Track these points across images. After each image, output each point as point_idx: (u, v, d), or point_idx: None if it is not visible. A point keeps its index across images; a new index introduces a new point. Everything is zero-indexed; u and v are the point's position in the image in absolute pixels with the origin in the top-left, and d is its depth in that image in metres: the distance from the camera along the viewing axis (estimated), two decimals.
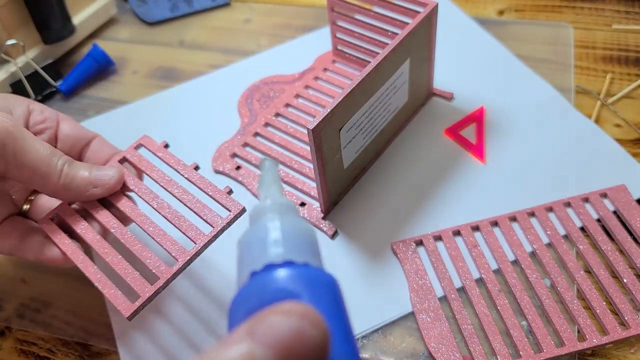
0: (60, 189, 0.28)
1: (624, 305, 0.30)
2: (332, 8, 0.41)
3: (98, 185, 0.29)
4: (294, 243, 0.15)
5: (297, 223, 0.16)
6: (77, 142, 0.31)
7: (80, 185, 0.28)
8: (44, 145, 0.28)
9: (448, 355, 0.29)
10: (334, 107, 0.30)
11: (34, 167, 0.27)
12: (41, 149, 0.27)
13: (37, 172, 0.27)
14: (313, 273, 0.15)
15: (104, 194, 0.29)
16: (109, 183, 0.29)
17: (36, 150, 0.27)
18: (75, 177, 0.28)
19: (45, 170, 0.27)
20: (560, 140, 0.38)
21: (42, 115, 0.31)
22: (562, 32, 0.46)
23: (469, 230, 0.34)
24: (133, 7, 0.53)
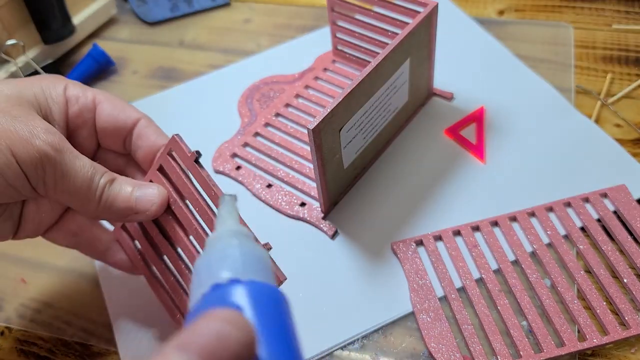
0: (100, 213, 0.27)
1: (624, 305, 0.30)
2: (332, 8, 0.41)
3: (139, 211, 0.27)
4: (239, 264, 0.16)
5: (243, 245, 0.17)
6: (117, 132, 0.29)
7: (119, 211, 0.27)
8: (85, 165, 0.26)
9: (448, 355, 0.29)
10: (334, 107, 0.30)
11: (73, 193, 0.26)
12: (81, 171, 0.26)
13: (76, 198, 0.26)
14: (256, 287, 0.16)
15: (146, 220, 0.28)
16: (150, 210, 0.27)
17: (76, 172, 0.26)
18: (114, 203, 0.27)
19: (85, 196, 0.26)
20: (561, 140, 0.38)
21: (77, 104, 0.28)
22: (562, 32, 0.46)
23: (469, 230, 0.34)
24: (133, 7, 0.53)
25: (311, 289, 0.32)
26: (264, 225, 0.35)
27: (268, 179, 0.38)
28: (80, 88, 0.29)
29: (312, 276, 0.33)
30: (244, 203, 0.37)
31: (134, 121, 0.29)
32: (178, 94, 0.45)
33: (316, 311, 0.32)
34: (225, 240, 0.17)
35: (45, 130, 0.25)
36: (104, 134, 0.29)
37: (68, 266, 0.36)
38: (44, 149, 0.25)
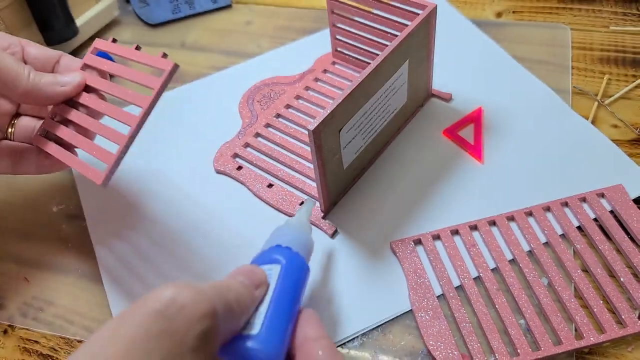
0: (30, 89, 0.30)
1: (621, 304, 0.30)
2: (332, 10, 0.41)
3: (64, 83, 0.32)
4: (296, 241, 0.28)
5: (303, 233, 0.29)
6: (46, 63, 0.33)
7: (47, 83, 0.31)
8: (10, 55, 0.30)
9: (446, 353, 0.29)
10: (334, 108, 0.31)
11: (4, 72, 0.29)
12: (7, 56, 0.30)
13: (7, 76, 0.30)
14: (295, 257, 0.26)
15: (72, 92, 0.32)
16: (75, 80, 0.32)
17: (3, 58, 0.30)
18: (42, 77, 0.31)
19: (15, 73, 0.30)
20: (558, 140, 0.39)
21: (5, 41, 0.32)
22: (559, 34, 0.46)
23: (467, 230, 0.34)
24: (135, 8, 0.54)
25: (311, 288, 0.33)
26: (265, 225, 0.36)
27: (269, 179, 0.38)
28: (5, 33, 0.33)
29: (312, 275, 0.33)
30: (245, 203, 0.38)
31: (60, 53, 0.34)
32: (180, 95, 0.46)
33: (316, 309, 0.32)
34: (293, 224, 0.29)
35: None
36: (33, 63, 0.33)
37: (70, 265, 0.36)
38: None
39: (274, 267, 0.25)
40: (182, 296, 0.18)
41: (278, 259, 0.25)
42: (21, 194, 0.40)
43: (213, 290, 0.20)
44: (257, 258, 0.26)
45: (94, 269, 0.35)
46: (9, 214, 0.39)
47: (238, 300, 0.21)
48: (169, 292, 0.19)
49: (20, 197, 0.40)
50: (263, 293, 0.23)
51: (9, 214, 0.39)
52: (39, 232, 0.38)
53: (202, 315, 0.18)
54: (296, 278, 0.25)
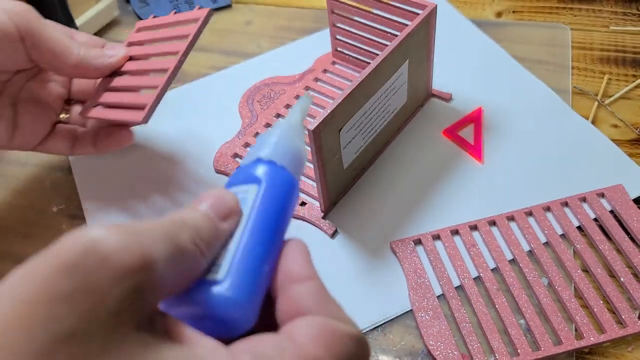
0: (80, 61, 0.33)
1: (621, 304, 0.30)
2: (332, 10, 0.41)
3: (111, 55, 0.34)
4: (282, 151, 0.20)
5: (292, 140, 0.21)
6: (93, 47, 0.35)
7: (95, 56, 0.33)
8: (61, 31, 0.33)
9: (447, 353, 0.29)
10: (334, 108, 0.31)
11: (56, 41, 0.32)
12: (59, 32, 0.32)
13: (59, 48, 0.32)
14: (279, 173, 0.19)
15: (118, 64, 0.35)
16: (120, 52, 0.35)
17: (54, 28, 0.32)
18: (89, 51, 0.33)
19: (66, 46, 0.32)
20: (558, 140, 0.39)
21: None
22: (559, 34, 0.46)
23: (467, 230, 0.34)
24: (135, 8, 0.54)
25: None
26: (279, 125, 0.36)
27: None
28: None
29: None
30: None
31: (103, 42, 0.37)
32: (180, 95, 0.46)
33: None
34: (279, 128, 0.21)
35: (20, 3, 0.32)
36: None
37: None
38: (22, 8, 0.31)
39: (249, 188, 0.19)
40: (104, 243, 0.14)
41: (255, 177, 0.19)
42: (21, 194, 0.40)
43: (157, 231, 0.15)
44: (232, 177, 0.20)
45: None
46: (9, 214, 0.39)
47: (195, 238, 0.16)
48: (89, 236, 0.14)
49: (20, 197, 0.40)
50: (233, 225, 0.18)
51: (9, 214, 0.39)
52: (39, 232, 0.38)
53: (128, 269, 0.14)
54: (279, 201, 0.19)
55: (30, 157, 0.43)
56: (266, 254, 0.18)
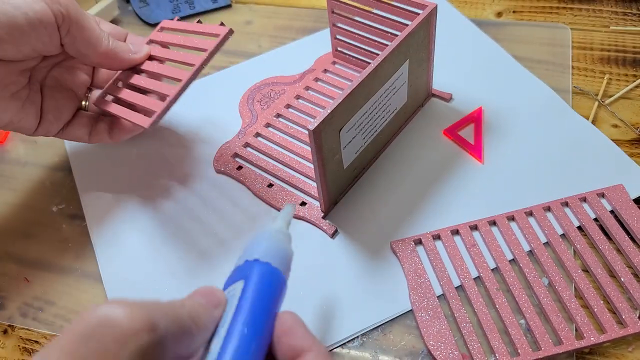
0: (109, 51, 0.34)
1: (622, 304, 0.30)
2: (332, 10, 0.41)
3: (136, 51, 0.36)
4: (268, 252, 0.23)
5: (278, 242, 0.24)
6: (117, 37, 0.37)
7: (123, 49, 0.35)
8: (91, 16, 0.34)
9: (447, 353, 0.29)
10: (334, 108, 0.31)
11: (90, 30, 0.33)
12: (92, 20, 0.34)
13: (92, 35, 0.33)
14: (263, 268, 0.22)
15: (141, 60, 0.36)
16: (146, 49, 0.37)
17: (89, 20, 0.33)
18: (118, 44, 0.35)
19: (98, 34, 0.34)
20: (558, 140, 0.39)
21: None
22: (559, 34, 0.46)
23: (468, 230, 0.34)
24: (135, 8, 0.54)
25: (311, 288, 0.33)
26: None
27: (269, 179, 0.38)
28: None
29: (312, 275, 0.33)
30: (245, 202, 0.38)
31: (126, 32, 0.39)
32: None
33: (316, 309, 0.32)
34: (267, 233, 0.25)
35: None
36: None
37: (70, 265, 0.36)
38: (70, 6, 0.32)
39: (237, 284, 0.22)
40: (113, 314, 0.17)
41: (242, 274, 0.22)
42: (21, 194, 0.40)
43: (160, 305, 0.19)
44: (227, 279, 0.23)
45: (94, 269, 0.35)
46: (9, 214, 0.39)
47: (193, 316, 0.20)
48: (98, 311, 0.17)
49: (20, 197, 0.40)
50: (221, 312, 0.21)
51: (9, 214, 0.39)
52: (39, 232, 0.38)
53: (137, 331, 0.17)
54: (262, 289, 0.22)
55: (30, 157, 0.43)
56: (253, 336, 0.20)
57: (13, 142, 0.44)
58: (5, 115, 0.33)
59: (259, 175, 0.39)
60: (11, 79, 0.32)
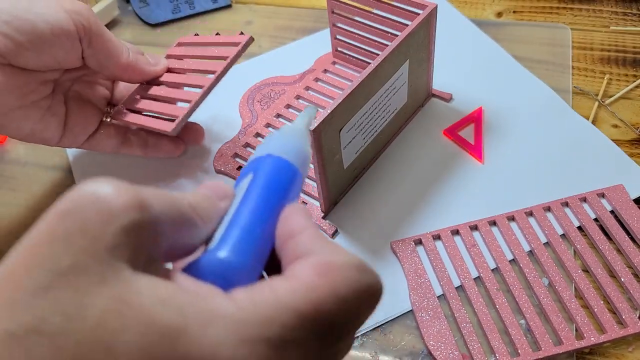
0: (129, 64, 0.35)
1: (622, 304, 0.30)
2: (332, 10, 0.41)
3: (156, 63, 0.37)
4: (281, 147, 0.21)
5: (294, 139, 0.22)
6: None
7: (143, 62, 0.36)
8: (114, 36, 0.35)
9: (447, 353, 0.29)
10: (334, 108, 0.31)
11: (111, 42, 0.34)
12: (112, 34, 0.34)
13: (114, 47, 0.34)
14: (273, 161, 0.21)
15: (160, 73, 0.37)
16: (164, 62, 0.38)
17: (110, 34, 0.34)
18: (139, 57, 0.36)
19: (119, 47, 0.34)
20: (558, 140, 0.39)
21: None
22: (560, 34, 0.46)
23: (468, 230, 0.34)
24: (135, 8, 0.54)
25: None
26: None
27: None
28: None
29: None
30: None
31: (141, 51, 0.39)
32: None
33: None
34: (282, 129, 0.22)
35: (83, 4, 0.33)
36: None
37: None
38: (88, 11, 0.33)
39: (246, 179, 0.20)
40: (101, 189, 0.15)
41: (250, 168, 0.21)
42: (21, 194, 0.40)
43: (154, 191, 0.16)
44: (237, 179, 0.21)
45: None
46: (9, 214, 0.39)
47: (194, 206, 0.17)
48: (83, 187, 0.15)
49: (20, 197, 0.40)
50: (229, 204, 0.19)
51: (9, 214, 0.39)
52: None
53: (123, 207, 0.15)
54: (271, 179, 0.20)
55: (30, 157, 0.43)
56: (257, 221, 0.19)
57: (13, 142, 0.44)
58: (26, 124, 0.33)
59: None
60: (31, 87, 0.32)
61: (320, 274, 0.16)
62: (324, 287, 0.15)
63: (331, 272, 0.16)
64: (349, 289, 0.15)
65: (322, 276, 0.16)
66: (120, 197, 0.15)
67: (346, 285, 0.16)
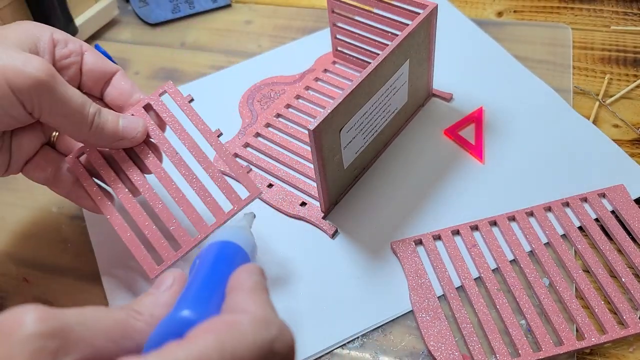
0: (90, 137, 0.29)
1: (623, 305, 0.30)
2: (332, 10, 0.41)
3: (124, 138, 0.30)
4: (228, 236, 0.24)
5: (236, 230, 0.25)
6: (100, 78, 0.32)
7: (108, 136, 0.30)
8: (76, 94, 0.28)
9: (447, 354, 0.29)
10: (334, 108, 0.31)
11: (67, 116, 0.28)
12: (74, 97, 0.28)
13: (69, 121, 0.28)
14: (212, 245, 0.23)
15: (128, 146, 0.31)
16: (135, 137, 0.31)
17: (70, 97, 0.28)
18: (104, 128, 0.29)
19: (79, 119, 0.28)
20: (559, 140, 0.38)
21: (67, 48, 0.31)
22: (560, 33, 0.46)
23: (468, 230, 0.34)
24: (135, 8, 0.54)
25: (311, 288, 0.33)
26: (265, 225, 0.36)
27: (269, 179, 0.38)
28: (66, 34, 0.31)
29: (312, 275, 0.33)
30: None
31: (115, 70, 0.32)
32: None
33: (316, 310, 0.32)
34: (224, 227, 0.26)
35: (37, 60, 0.27)
36: (88, 77, 0.32)
37: (70, 265, 0.36)
38: (37, 75, 0.26)
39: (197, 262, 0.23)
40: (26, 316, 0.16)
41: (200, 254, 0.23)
42: (21, 194, 0.40)
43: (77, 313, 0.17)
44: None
45: (94, 269, 0.35)
46: (9, 214, 0.39)
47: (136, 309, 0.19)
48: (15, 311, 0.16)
49: (20, 197, 0.40)
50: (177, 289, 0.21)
51: (9, 214, 0.39)
52: (39, 232, 0.38)
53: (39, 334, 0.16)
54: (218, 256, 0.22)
55: None
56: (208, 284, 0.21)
57: None
58: None
59: (258, 176, 0.38)
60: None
61: (212, 329, 0.16)
62: (209, 341, 0.16)
63: (225, 326, 0.17)
64: (239, 344, 0.16)
65: (211, 332, 0.16)
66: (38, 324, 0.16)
67: (234, 339, 0.16)
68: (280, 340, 0.17)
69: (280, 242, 0.35)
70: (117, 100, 0.32)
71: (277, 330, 0.17)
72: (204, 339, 0.16)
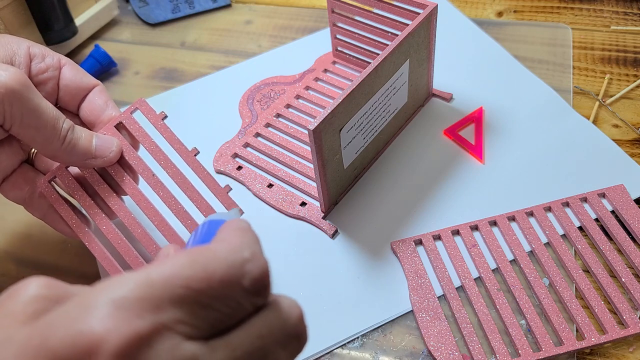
0: (61, 153, 0.28)
1: (622, 305, 0.30)
2: (332, 10, 0.41)
3: (97, 157, 0.29)
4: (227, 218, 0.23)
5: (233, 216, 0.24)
6: (78, 93, 0.31)
7: (80, 154, 0.29)
8: (50, 107, 0.27)
9: (447, 354, 0.29)
10: (334, 108, 0.31)
11: (39, 129, 0.27)
12: (47, 110, 0.27)
13: (41, 134, 0.27)
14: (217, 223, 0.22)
15: (102, 166, 0.30)
16: (108, 156, 0.30)
17: (42, 109, 0.27)
18: (76, 145, 0.28)
19: (50, 134, 0.27)
20: (559, 140, 0.38)
21: (44, 62, 0.30)
22: (560, 33, 0.46)
23: (468, 230, 0.34)
24: (135, 8, 0.54)
25: (311, 288, 0.33)
26: (265, 225, 0.36)
27: (269, 179, 0.38)
28: (44, 48, 0.31)
29: (312, 275, 0.33)
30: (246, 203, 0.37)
31: (93, 85, 0.32)
32: (180, 95, 0.46)
33: (316, 310, 0.32)
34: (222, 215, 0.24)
35: (11, 68, 0.26)
36: (65, 92, 0.31)
37: (70, 265, 0.36)
38: (10, 84, 0.25)
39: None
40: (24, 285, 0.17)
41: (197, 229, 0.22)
42: None
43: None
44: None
45: (94, 269, 0.35)
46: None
47: None
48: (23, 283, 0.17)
49: None
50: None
51: (9, 214, 0.39)
52: (39, 232, 0.38)
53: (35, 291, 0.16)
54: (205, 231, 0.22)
55: None
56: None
57: None
58: None
59: (258, 176, 0.38)
60: None
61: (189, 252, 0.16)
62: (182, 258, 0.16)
63: (201, 249, 0.17)
64: (210, 261, 0.16)
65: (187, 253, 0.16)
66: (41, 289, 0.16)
67: (206, 257, 0.16)
68: (253, 263, 0.17)
69: (280, 242, 0.35)
70: (89, 117, 0.31)
71: (250, 254, 0.17)
72: (178, 257, 0.16)
